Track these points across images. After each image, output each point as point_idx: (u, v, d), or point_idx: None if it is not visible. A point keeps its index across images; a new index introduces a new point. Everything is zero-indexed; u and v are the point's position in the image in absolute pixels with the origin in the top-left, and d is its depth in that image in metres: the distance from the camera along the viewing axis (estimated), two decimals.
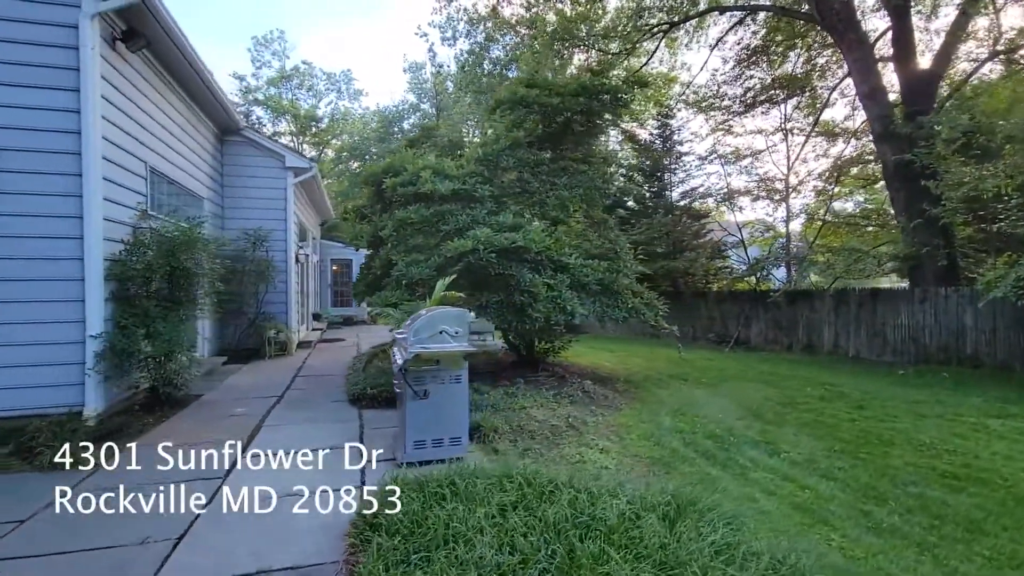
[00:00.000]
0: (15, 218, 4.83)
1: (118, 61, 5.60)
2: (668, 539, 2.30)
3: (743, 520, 2.71)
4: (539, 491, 2.72)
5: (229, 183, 9.87)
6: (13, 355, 4.81)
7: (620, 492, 2.77)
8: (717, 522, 2.54)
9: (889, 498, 4.03)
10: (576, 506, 2.54)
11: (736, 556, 2.24)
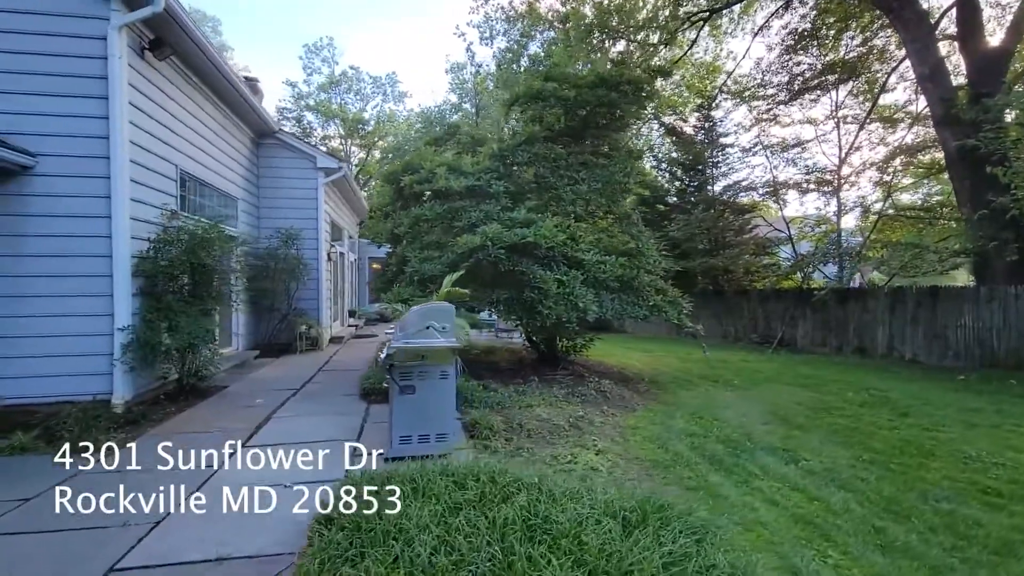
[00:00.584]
0: (50, 218, 5.21)
1: (147, 69, 5.92)
2: (619, 546, 2.16)
3: (716, 530, 2.52)
4: (500, 491, 2.64)
5: (264, 184, 10.29)
6: (48, 346, 5.19)
7: (584, 495, 2.65)
8: (680, 531, 2.36)
9: (912, 514, 3.67)
10: (532, 508, 2.44)
11: (688, 569, 2.07)
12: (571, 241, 6.89)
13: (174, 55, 6.40)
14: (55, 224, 5.22)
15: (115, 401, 5.28)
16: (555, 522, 2.32)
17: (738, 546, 2.71)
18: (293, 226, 9.96)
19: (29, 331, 5.16)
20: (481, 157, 7.70)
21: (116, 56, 5.32)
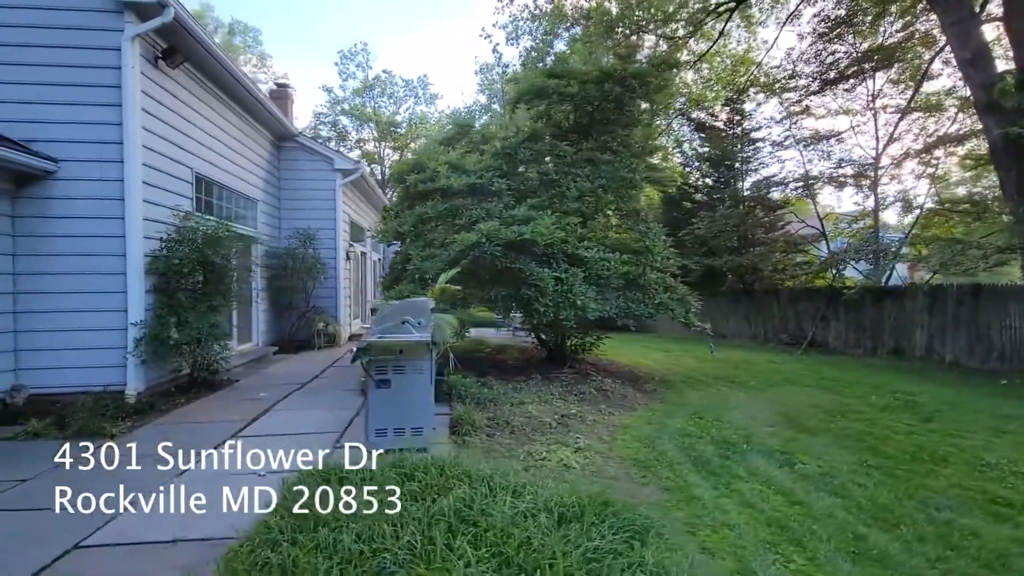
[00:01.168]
0: (70, 220, 5.55)
1: (161, 77, 6.23)
2: (544, 540, 2.13)
3: (658, 529, 2.45)
4: (444, 483, 2.65)
5: (285, 185, 10.65)
6: (68, 340, 5.54)
7: (526, 490, 2.62)
8: (616, 528, 2.31)
9: (903, 522, 3.46)
10: (469, 501, 2.43)
11: (611, 564, 2.02)
12: (572, 238, 6.83)
13: (188, 63, 6.70)
14: (74, 225, 5.57)
15: (128, 392, 5.58)
16: (488, 515, 2.31)
17: (686, 546, 2.63)
18: (311, 226, 10.27)
19: (50, 326, 5.52)
20: (485, 155, 7.71)
21: (129, 65, 5.62)
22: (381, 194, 14.69)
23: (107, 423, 4.72)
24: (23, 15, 5.50)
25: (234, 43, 41.41)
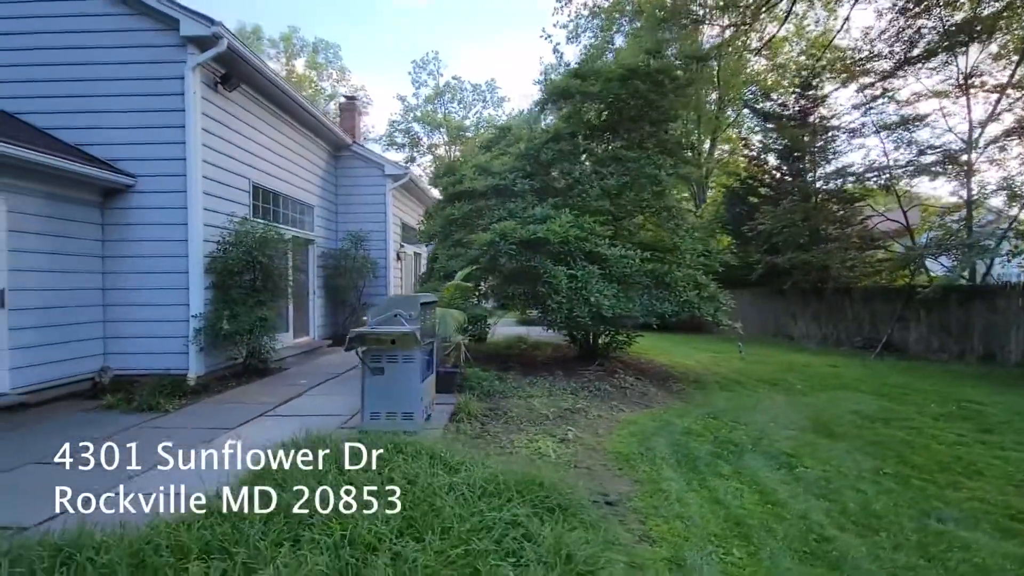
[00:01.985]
0: (144, 227, 6.50)
1: (220, 99, 7.08)
2: (452, 507, 2.35)
3: (575, 508, 2.58)
4: (392, 456, 2.95)
5: (341, 191, 11.52)
6: (141, 329, 6.48)
7: (464, 467, 2.84)
8: (527, 503, 2.48)
9: (887, 530, 3.28)
10: (406, 471, 2.70)
11: (502, 531, 2.20)
12: (592, 236, 6.88)
13: (245, 85, 7.54)
14: (147, 231, 6.51)
15: (189, 376, 6.42)
16: (413, 483, 2.57)
17: (615, 528, 2.72)
18: (364, 229, 11.05)
19: (128, 317, 6.50)
20: (509, 157, 7.95)
21: (191, 91, 6.47)
22: (431, 196, 15.36)
23: (164, 400, 5.51)
24: (106, 54, 6.50)
25: (318, 60, 44.66)
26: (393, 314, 4.29)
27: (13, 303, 5.41)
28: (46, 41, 6.51)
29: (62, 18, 6.52)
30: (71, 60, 6.50)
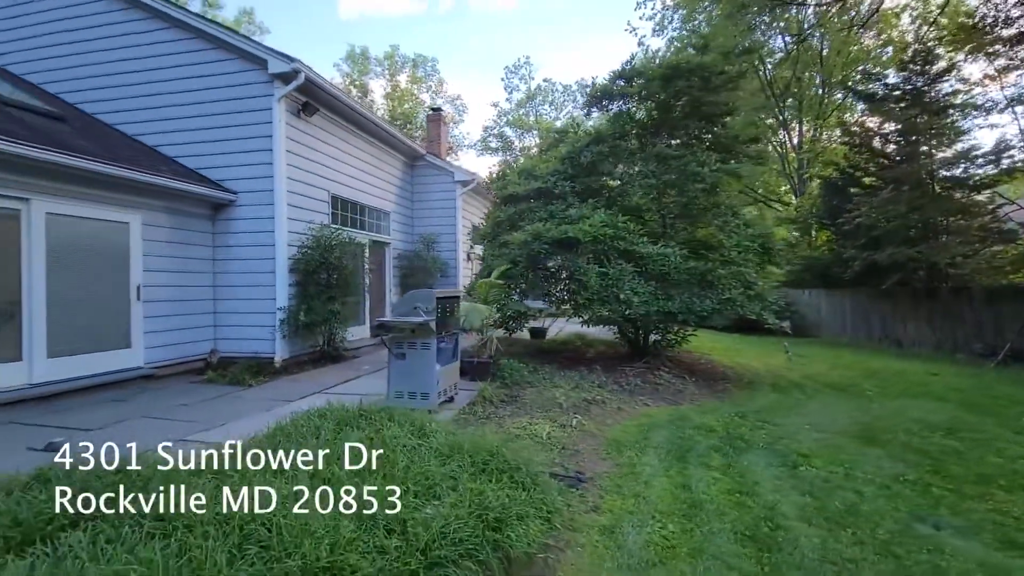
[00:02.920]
0: (243, 234, 7.82)
1: (302, 124, 8.27)
2: (404, 462, 2.87)
3: (522, 476, 2.97)
4: (382, 422, 3.53)
5: (416, 197, 12.59)
6: (240, 319, 7.81)
7: (433, 435, 3.35)
8: (478, 466, 2.94)
9: (858, 528, 3.24)
10: (387, 436, 3.27)
11: (432, 481, 2.67)
12: (628, 235, 7.03)
13: (324, 109, 8.70)
14: (245, 238, 7.83)
15: (275, 359, 7.62)
16: (387, 444, 3.13)
17: (568, 495, 3.07)
18: (436, 231, 12.04)
19: (231, 309, 7.87)
20: (551, 159, 8.30)
21: (278, 119, 7.67)
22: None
23: (250, 377, 6.69)
24: (214, 93, 7.91)
25: (418, 75, 47.66)
26: (413, 307, 4.92)
27: (146, 297, 6.89)
28: (168, 84, 8.08)
29: (180, 67, 8.04)
30: (188, 100, 8.00)
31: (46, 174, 5.67)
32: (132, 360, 6.67)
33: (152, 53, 8.13)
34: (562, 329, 11.05)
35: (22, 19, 8.69)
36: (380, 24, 57.41)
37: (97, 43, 8.35)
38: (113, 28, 8.27)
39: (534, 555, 2.63)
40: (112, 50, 8.28)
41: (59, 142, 6.01)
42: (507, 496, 2.77)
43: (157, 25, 8.09)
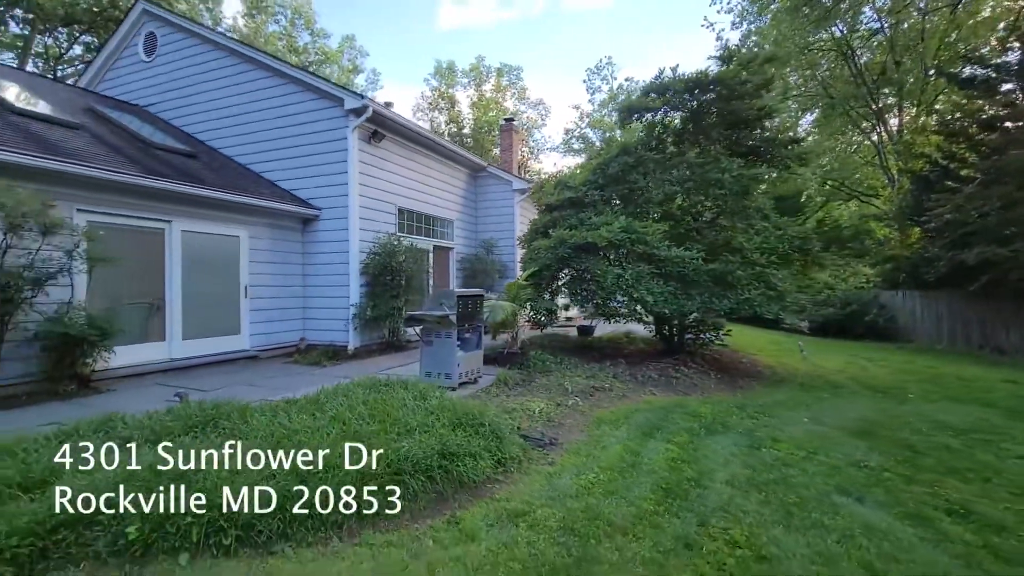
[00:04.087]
0: (324, 243, 9.46)
1: (371, 148, 9.77)
2: (398, 413, 3.94)
3: (487, 431, 3.92)
4: (397, 388, 4.65)
5: (479, 205, 13.84)
6: (322, 313, 9.45)
7: (427, 397, 4.38)
8: (450, 422, 3.93)
9: (773, 493, 3.77)
10: (395, 397, 4.38)
11: (413, 428, 3.69)
12: (649, 239, 7.61)
13: (391, 134, 10.17)
14: (325, 246, 9.47)
15: (349, 347, 9.15)
16: (388, 403, 4.22)
17: (532, 452, 3.97)
18: (495, 236, 13.22)
19: (316, 305, 9.54)
20: (585, 170, 9.04)
21: (352, 147, 9.21)
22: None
23: (326, 360, 8.22)
24: (303, 127, 9.64)
25: (502, 83, 49.46)
26: (439, 303, 6.02)
27: (251, 295, 8.69)
28: (269, 120, 9.95)
29: (278, 107, 9.87)
30: (284, 133, 9.82)
31: (183, 202, 7.54)
32: (240, 344, 8.48)
33: (258, 97, 10.07)
34: (616, 329, 11.63)
35: (169, 74, 11.08)
36: (474, 33, 60.26)
37: (219, 91, 10.48)
38: (230, 79, 10.34)
39: (480, 482, 3.57)
40: (230, 96, 10.36)
41: (191, 176, 7.91)
42: (467, 441, 3.73)
43: (262, 74, 10.00)
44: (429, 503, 3.29)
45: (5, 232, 5.08)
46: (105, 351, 6.08)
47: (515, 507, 3.26)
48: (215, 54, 10.48)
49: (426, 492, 3.31)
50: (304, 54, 36.89)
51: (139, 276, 7.20)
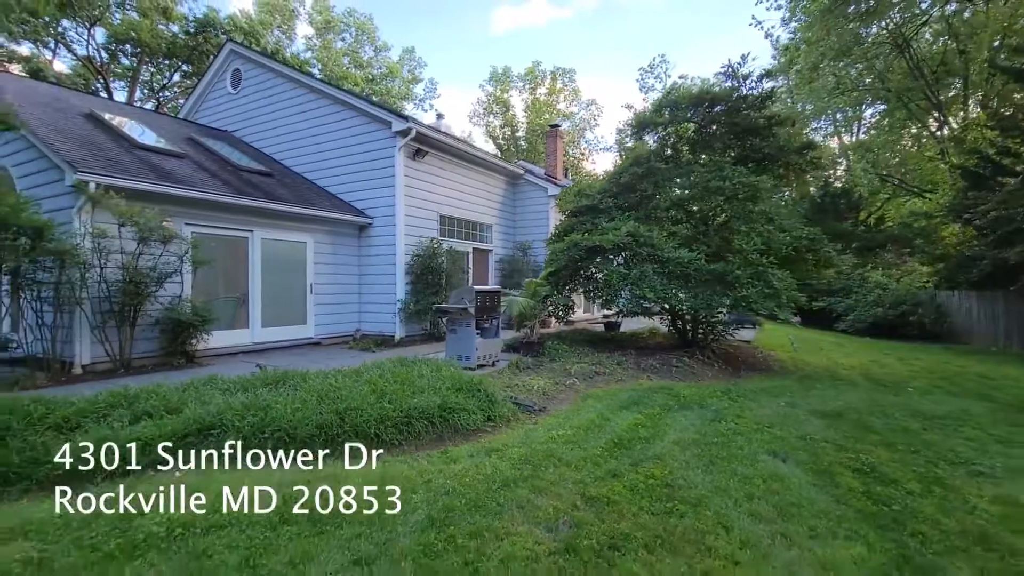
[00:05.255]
0: (376, 247, 10.98)
1: (416, 164, 11.18)
2: (416, 381, 5.17)
3: (481, 395, 5.06)
4: (418, 363, 5.88)
5: (517, 210, 15.01)
6: (374, 307, 10.97)
7: (438, 371, 5.58)
8: (459, 387, 5.12)
9: (707, 451, 4.66)
10: (416, 368, 5.62)
11: (424, 388, 4.90)
12: (654, 241, 8.46)
13: (434, 151, 11.55)
14: (377, 250, 10.97)
15: (396, 337, 10.60)
16: (410, 374, 5.46)
17: (521, 414, 5.09)
18: (531, 239, 14.33)
19: (369, 300, 11.08)
20: (599, 180, 9.95)
21: (399, 163, 10.66)
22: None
23: (375, 347, 9.67)
24: (357, 147, 11.20)
25: (556, 86, 50.37)
26: (461, 297, 7.23)
27: (315, 291, 10.32)
28: (330, 141, 11.60)
29: (337, 129, 11.50)
30: (342, 152, 11.45)
31: (262, 215, 9.23)
32: (306, 332, 10.13)
33: (320, 120, 11.79)
34: (643, 326, 12.40)
35: (251, 103, 13.06)
36: (529, 34, 61.68)
37: (290, 116, 12.29)
38: (299, 105, 12.12)
39: (472, 431, 4.73)
40: (298, 121, 12.15)
41: (269, 193, 9.61)
42: (464, 401, 4.90)
43: (323, 102, 11.69)
44: (430, 441, 4.50)
45: (138, 242, 6.81)
46: (205, 334, 7.78)
47: (492, 447, 4.39)
48: (286, 85, 12.31)
49: (428, 434, 4.52)
50: (368, 67, 39.62)
51: (229, 276, 8.94)
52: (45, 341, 6.62)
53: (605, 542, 2.98)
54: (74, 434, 3.71)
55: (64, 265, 6.43)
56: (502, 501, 3.41)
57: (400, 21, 60.93)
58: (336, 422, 4.14)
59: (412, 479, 3.65)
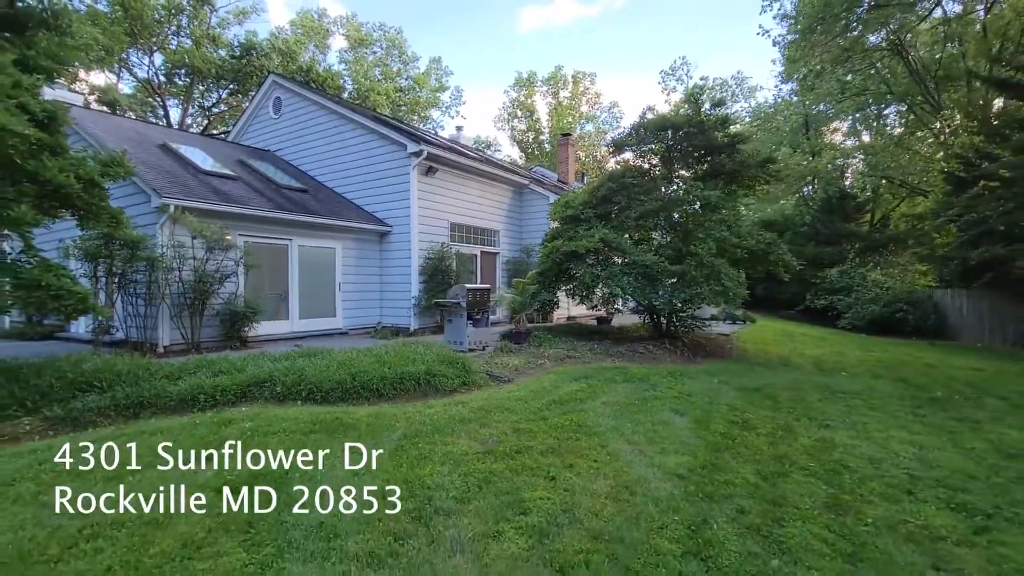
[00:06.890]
0: (393, 252, 12.82)
1: (428, 179, 12.96)
2: (409, 355, 6.87)
3: (460, 366, 6.73)
4: (412, 345, 7.60)
5: (523, 215, 16.65)
6: (392, 303, 12.82)
7: (431, 350, 7.26)
8: (443, 360, 6.81)
9: (620, 408, 6.20)
10: (410, 351, 7.33)
11: (413, 359, 6.61)
12: (624, 246, 9.96)
13: (445, 167, 13.31)
14: (395, 254, 12.81)
15: (410, 328, 12.41)
16: (408, 351, 7.18)
17: (489, 382, 6.76)
18: (533, 243, 15.92)
19: (388, 297, 12.93)
20: (581, 193, 11.49)
21: (413, 180, 12.46)
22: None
23: (391, 336, 11.48)
24: (378, 165, 13.06)
25: (578, 90, 51.66)
26: (455, 294, 8.92)
27: (343, 289, 12.23)
28: (356, 160, 13.51)
29: (362, 150, 13.40)
30: (366, 170, 13.34)
31: (299, 226, 11.17)
32: (336, 324, 12.05)
33: (347, 142, 13.74)
34: (633, 321, 13.84)
35: (290, 126, 15.13)
36: (555, 33, 63.13)
37: (322, 137, 14.29)
38: (329, 128, 14.11)
39: (449, 391, 6.42)
40: (329, 141, 14.13)
41: (305, 207, 11.56)
42: (446, 369, 6.60)
43: (350, 126, 13.64)
44: (417, 396, 6.21)
45: (206, 251, 8.78)
46: (255, 324, 9.73)
47: (461, 401, 6.07)
48: (319, 112, 14.33)
49: (415, 392, 6.24)
50: (397, 77, 41.89)
51: (272, 276, 10.91)
52: (138, 328, 8.67)
53: (514, 449, 4.61)
54: (177, 382, 5.58)
55: (153, 268, 8.45)
56: (456, 429, 5.08)
57: (429, 23, 63.34)
58: (349, 380, 5.90)
59: (398, 416, 5.37)
